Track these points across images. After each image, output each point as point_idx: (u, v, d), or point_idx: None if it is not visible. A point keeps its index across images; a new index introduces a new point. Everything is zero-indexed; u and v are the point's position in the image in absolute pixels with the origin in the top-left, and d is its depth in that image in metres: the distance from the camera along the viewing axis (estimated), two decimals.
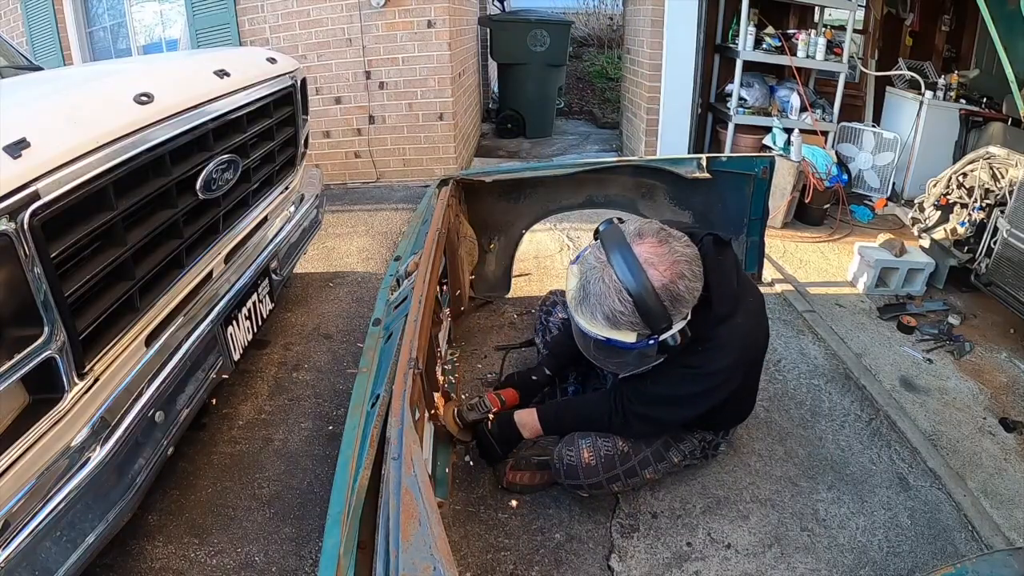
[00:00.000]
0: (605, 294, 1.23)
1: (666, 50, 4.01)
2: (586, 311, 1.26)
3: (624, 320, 1.22)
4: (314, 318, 2.58)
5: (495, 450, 1.61)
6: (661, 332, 1.25)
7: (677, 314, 1.25)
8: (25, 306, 1.02)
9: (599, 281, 1.24)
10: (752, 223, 2.30)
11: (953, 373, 2.23)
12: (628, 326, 1.23)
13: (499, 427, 1.61)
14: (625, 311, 1.22)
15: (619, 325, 1.23)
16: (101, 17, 4.71)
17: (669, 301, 1.22)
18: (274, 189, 2.08)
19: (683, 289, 1.24)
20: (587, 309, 1.26)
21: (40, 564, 1.03)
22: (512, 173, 2.30)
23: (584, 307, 1.26)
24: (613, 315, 1.22)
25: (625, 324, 1.23)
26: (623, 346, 1.27)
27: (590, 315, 1.26)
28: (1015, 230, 2.35)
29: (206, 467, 1.80)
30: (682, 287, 1.24)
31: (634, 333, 1.24)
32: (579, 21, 9.53)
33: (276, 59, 2.06)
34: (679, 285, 1.23)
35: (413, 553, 0.80)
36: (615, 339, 1.26)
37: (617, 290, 1.22)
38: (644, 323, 1.23)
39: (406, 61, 4.18)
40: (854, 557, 1.50)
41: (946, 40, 4.40)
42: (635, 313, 1.22)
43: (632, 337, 1.25)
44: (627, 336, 1.25)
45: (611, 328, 1.25)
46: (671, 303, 1.23)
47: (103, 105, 1.29)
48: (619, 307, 1.22)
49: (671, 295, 1.23)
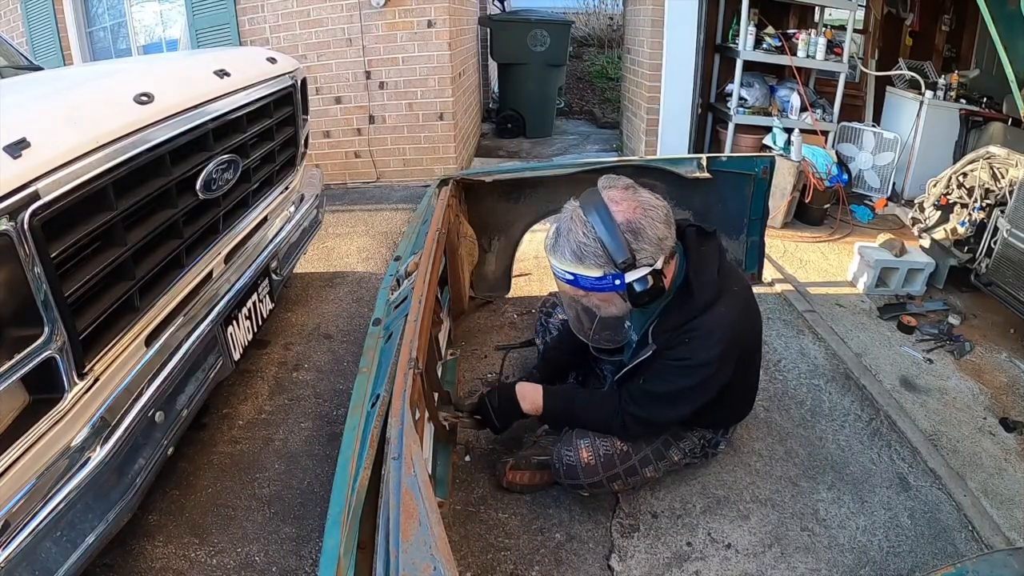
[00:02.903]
0: (573, 230, 1.32)
1: (666, 50, 4.01)
2: (557, 249, 1.35)
3: (588, 251, 1.30)
4: (314, 318, 2.58)
5: (492, 422, 1.61)
6: (625, 269, 1.29)
7: (640, 251, 1.30)
8: (25, 306, 1.02)
9: (568, 220, 1.34)
10: (752, 223, 2.30)
11: (953, 373, 2.23)
12: (592, 259, 1.30)
13: (500, 400, 1.60)
14: (588, 242, 1.30)
15: (584, 259, 1.30)
16: (101, 17, 4.71)
17: (631, 234, 1.29)
18: (274, 189, 2.08)
19: (645, 225, 1.30)
20: (558, 247, 1.34)
21: (40, 564, 1.03)
22: (512, 173, 2.30)
23: (556, 246, 1.35)
24: (579, 248, 1.30)
25: (589, 256, 1.30)
26: (589, 284, 1.33)
27: (560, 253, 1.34)
28: (1015, 230, 2.35)
29: (206, 467, 1.80)
30: (644, 223, 1.30)
31: (600, 269, 1.30)
32: (579, 21, 9.53)
33: (276, 59, 2.06)
34: (641, 221, 1.30)
35: (413, 553, 0.80)
36: (581, 275, 1.32)
37: (582, 223, 1.31)
38: (607, 256, 1.29)
39: (406, 61, 4.18)
40: (854, 557, 1.50)
41: (946, 40, 4.40)
42: (598, 244, 1.29)
43: (598, 272, 1.31)
44: (592, 271, 1.31)
45: (577, 263, 1.31)
46: (633, 237, 1.29)
47: (103, 105, 1.29)
48: (583, 239, 1.30)
49: (632, 229, 1.29)
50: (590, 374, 1.90)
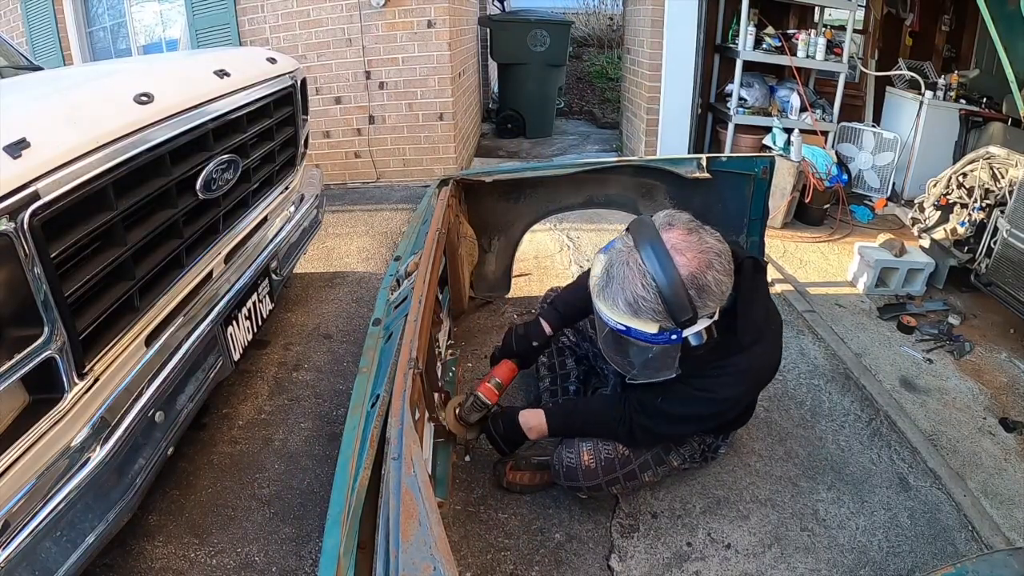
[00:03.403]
0: (629, 278, 1.19)
1: (666, 50, 4.01)
2: (608, 296, 1.22)
3: (646, 307, 1.18)
4: (314, 318, 2.58)
5: (500, 448, 1.60)
6: (684, 326, 1.19)
7: (703, 307, 1.19)
8: (25, 306, 1.02)
9: (623, 265, 1.20)
10: (752, 223, 2.30)
11: (953, 373, 2.23)
12: (650, 314, 1.18)
13: (504, 428, 1.57)
14: (648, 297, 1.17)
15: (640, 313, 1.18)
16: (101, 17, 4.71)
17: (695, 291, 1.18)
18: (274, 189, 2.08)
19: (711, 280, 1.19)
20: (609, 294, 1.21)
21: (40, 564, 1.03)
22: (512, 173, 2.30)
23: (606, 292, 1.22)
24: (635, 301, 1.18)
25: (647, 312, 1.18)
26: (643, 338, 1.22)
27: (611, 301, 1.21)
28: (1015, 230, 2.35)
29: (206, 467, 1.80)
30: (710, 278, 1.19)
31: (656, 324, 1.19)
32: (579, 21, 9.53)
33: (276, 59, 2.06)
34: (707, 275, 1.19)
35: (413, 553, 0.80)
36: (635, 329, 1.21)
37: (642, 274, 1.18)
38: (667, 312, 1.17)
39: (406, 61, 4.18)
40: (854, 557, 1.50)
41: (946, 40, 4.40)
42: (658, 300, 1.17)
43: (653, 328, 1.20)
44: (648, 326, 1.20)
45: (632, 316, 1.20)
46: (697, 293, 1.18)
47: (103, 105, 1.29)
48: (642, 292, 1.17)
49: (697, 285, 1.18)
50: (591, 372, 1.90)
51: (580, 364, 1.91)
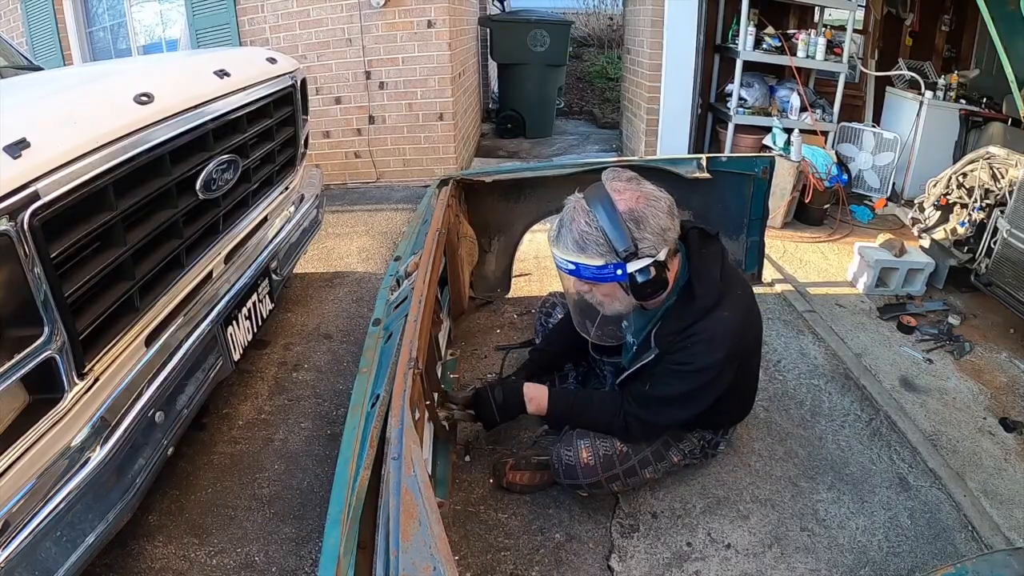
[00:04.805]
0: (575, 219, 1.33)
1: (666, 50, 4.01)
2: (559, 240, 1.35)
3: (590, 240, 1.29)
4: (314, 318, 2.58)
5: (492, 416, 1.58)
6: (626, 258, 1.28)
7: (642, 239, 1.29)
8: (25, 306, 1.02)
9: (571, 210, 1.35)
10: (752, 223, 2.30)
11: (953, 373, 2.23)
12: (594, 247, 1.29)
13: (504, 394, 1.58)
14: (590, 230, 1.30)
15: (586, 247, 1.30)
16: (101, 17, 4.71)
17: (632, 223, 1.29)
18: (274, 189, 2.08)
19: (648, 214, 1.30)
20: (560, 238, 1.35)
21: (40, 564, 1.03)
22: (512, 173, 2.30)
23: (558, 237, 1.35)
24: (581, 237, 1.30)
25: (591, 245, 1.30)
26: (590, 274, 1.32)
27: (562, 243, 1.34)
28: (1015, 230, 2.35)
29: (206, 467, 1.80)
30: (647, 211, 1.30)
31: (601, 258, 1.30)
32: (579, 21, 9.52)
33: (276, 59, 2.06)
34: (644, 210, 1.30)
35: (413, 553, 0.80)
36: (582, 264, 1.31)
37: (585, 212, 1.32)
38: (608, 245, 1.28)
39: (406, 61, 4.18)
40: (854, 557, 1.50)
41: (946, 40, 4.40)
42: (599, 231, 1.29)
43: (599, 261, 1.30)
44: (594, 260, 1.30)
45: (579, 252, 1.31)
46: (635, 225, 1.29)
47: (103, 105, 1.30)
48: (585, 227, 1.30)
49: (634, 217, 1.29)
50: (590, 374, 1.90)
51: (579, 365, 1.91)
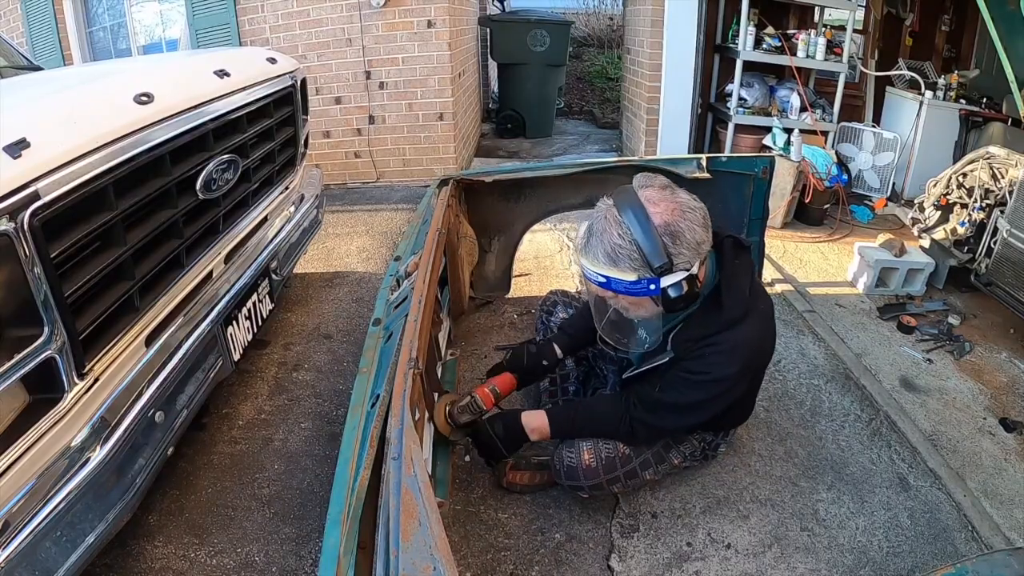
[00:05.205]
0: (607, 230, 1.26)
1: (666, 50, 4.01)
2: (589, 250, 1.29)
3: (623, 254, 1.24)
4: (314, 318, 2.58)
5: (499, 450, 1.57)
6: (661, 273, 1.24)
7: (677, 254, 1.25)
8: (25, 306, 1.02)
9: (602, 219, 1.28)
10: (752, 223, 2.30)
11: (953, 373, 2.23)
12: (627, 262, 1.24)
13: (505, 430, 1.55)
14: (623, 244, 1.24)
15: (619, 261, 1.24)
16: (101, 17, 4.71)
17: (668, 237, 1.24)
18: (274, 189, 2.08)
19: (684, 228, 1.25)
20: (590, 249, 1.29)
21: (40, 564, 1.03)
22: (512, 173, 2.30)
23: (588, 247, 1.29)
24: (613, 250, 1.25)
25: (624, 259, 1.24)
26: (623, 288, 1.27)
27: (592, 254, 1.28)
28: (1015, 230, 2.35)
29: (206, 467, 1.80)
30: (683, 225, 1.25)
31: (634, 272, 1.25)
32: (579, 21, 9.52)
33: (276, 59, 2.06)
34: (679, 223, 1.25)
35: (413, 553, 0.80)
36: (615, 278, 1.26)
37: (617, 224, 1.25)
38: (643, 259, 1.23)
39: (406, 61, 4.18)
40: (854, 557, 1.50)
41: (946, 40, 4.40)
42: (633, 245, 1.23)
43: (632, 276, 1.25)
44: (627, 275, 1.25)
45: (611, 265, 1.25)
46: (671, 240, 1.24)
47: (103, 105, 1.30)
48: (618, 240, 1.24)
49: (670, 232, 1.24)
50: (591, 374, 1.90)
51: (580, 365, 1.91)
